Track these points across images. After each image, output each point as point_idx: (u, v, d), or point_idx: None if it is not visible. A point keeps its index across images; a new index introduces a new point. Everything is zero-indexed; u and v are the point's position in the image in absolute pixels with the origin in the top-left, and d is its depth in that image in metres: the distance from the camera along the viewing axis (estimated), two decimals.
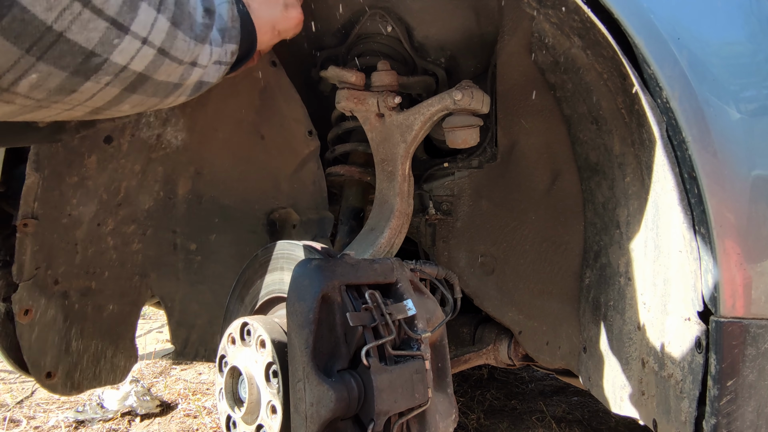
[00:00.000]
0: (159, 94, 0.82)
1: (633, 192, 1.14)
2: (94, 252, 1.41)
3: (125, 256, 1.49)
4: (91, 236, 1.40)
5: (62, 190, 1.31)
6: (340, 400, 0.84)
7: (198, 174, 1.58)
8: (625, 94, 1.06)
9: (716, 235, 0.83)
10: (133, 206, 1.47)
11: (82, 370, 1.43)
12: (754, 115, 0.87)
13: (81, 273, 1.40)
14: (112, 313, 1.48)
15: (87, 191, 1.36)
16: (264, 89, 1.55)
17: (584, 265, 1.34)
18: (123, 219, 1.46)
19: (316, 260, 0.92)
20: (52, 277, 1.33)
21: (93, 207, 1.39)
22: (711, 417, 0.85)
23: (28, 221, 1.24)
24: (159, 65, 0.75)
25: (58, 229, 1.32)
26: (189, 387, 2.85)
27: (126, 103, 0.78)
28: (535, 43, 1.22)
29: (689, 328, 0.91)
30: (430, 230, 1.60)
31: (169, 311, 1.60)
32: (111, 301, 1.47)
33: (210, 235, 1.63)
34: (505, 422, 2.40)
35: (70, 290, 1.38)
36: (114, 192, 1.42)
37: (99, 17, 0.62)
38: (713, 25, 0.90)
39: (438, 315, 1.05)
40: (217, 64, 0.90)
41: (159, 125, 1.43)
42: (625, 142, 1.14)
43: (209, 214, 1.63)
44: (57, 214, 1.31)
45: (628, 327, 1.15)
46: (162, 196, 1.53)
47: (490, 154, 1.51)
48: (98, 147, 1.34)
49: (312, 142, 1.61)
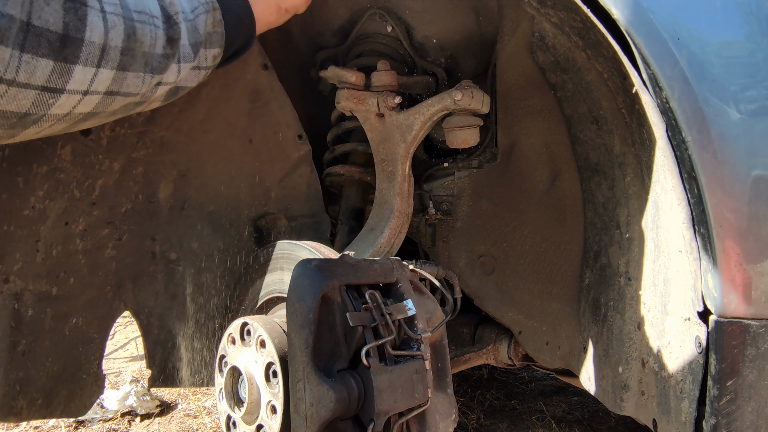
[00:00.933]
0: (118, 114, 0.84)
1: (633, 192, 1.14)
2: (59, 253, 1.25)
3: (97, 262, 1.32)
4: (58, 235, 1.24)
5: (27, 179, 1.17)
6: (340, 400, 0.84)
7: (182, 177, 1.44)
8: (625, 94, 1.06)
9: (716, 235, 0.83)
10: (108, 207, 1.32)
11: (27, 393, 1.21)
12: (754, 115, 0.87)
13: (42, 274, 1.22)
14: (76, 327, 1.29)
15: (57, 184, 1.22)
16: (255, 92, 1.46)
17: (584, 265, 1.34)
18: (96, 220, 1.30)
19: (316, 260, 0.92)
20: (3, 273, 1.17)
21: (62, 203, 1.24)
22: (711, 417, 0.85)
23: None
24: (110, 102, 0.78)
25: (18, 220, 1.17)
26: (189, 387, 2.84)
27: (84, 124, 0.80)
28: (536, 43, 1.22)
29: (689, 328, 0.91)
30: (430, 230, 1.60)
31: (145, 328, 1.42)
32: (76, 313, 1.29)
33: (192, 243, 1.48)
34: (505, 422, 2.40)
35: (25, 292, 1.20)
36: (88, 189, 1.28)
37: (26, 89, 0.66)
38: (713, 25, 0.90)
39: (438, 315, 1.05)
40: (196, 70, 0.91)
41: (143, 123, 1.32)
42: (625, 142, 1.14)
43: (193, 220, 1.48)
44: (18, 203, 1.17)
45: (628, 327, 1.15)
46: (141, 198, 1.38)
47: (490, 154, 1.51)
48: (74, 138, 1.21)
49: (303, 146, 1.53)
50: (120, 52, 0.74)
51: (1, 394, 1.17)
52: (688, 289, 0.90)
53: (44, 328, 1.24)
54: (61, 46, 0.67)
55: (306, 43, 1.64)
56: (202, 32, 0.90)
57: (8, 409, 1.19)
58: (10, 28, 0.61)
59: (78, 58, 0.69)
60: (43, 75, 0.67)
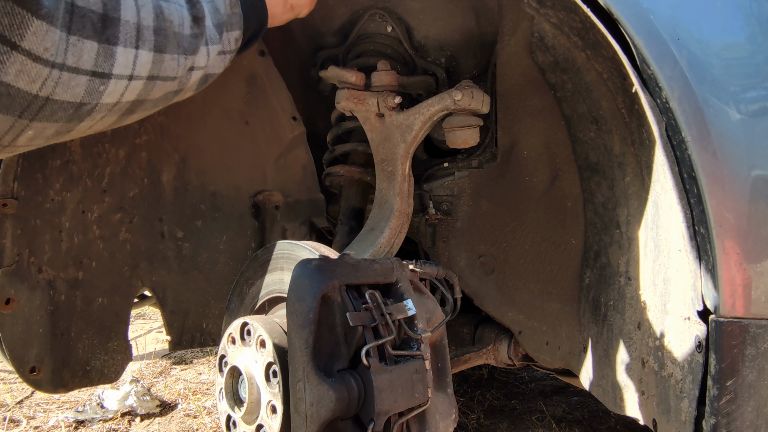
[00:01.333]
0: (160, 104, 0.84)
1: (633, 192, 1.14)
2: (80, 241, 1.36)
3: (113, 246, 1.44)
4: (77, 224, 1.35)
5: (45, 174, 1.26)
6: (340, 400, 0.84)
7: (183, 160, 1.55)
8: (625, 94, 1.06)
9: (716, 235, 0.83)
10: (118, 193, 1.43)
11: (70, 367, 1.36)
12: (754, 115, 0.87)
13: (68, 262, 1.34)
14: (102, 306, 1.42)
15: (71, 176, 1.31)
16: (252, 77, 1.54)
17: (584, 265, 1.34)
18: (108, 206, 1.42)
19: (316, 260, 0.92)
20: (36, 264, 1.27)
21: (77, 193, 1.34)
22: (710, 417, 0.85)
23: (8, 201, 1.18)
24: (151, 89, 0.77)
25: (41, 213, 1.27)
26: (189, 387, 2.85)
27: (130, 117, 0.80)
28: (536, 43, 1.23)
29: (689, 328, 0.91)
30: (430, 230, 1.60)
31: (162, 301, 1.57)
32: (101, 294, 1.42)
33: (197, 221, 1.61)
34: (505, 422, 2.40)
35: (57, 280, 1.32)
36: (98, 178, 1.38)
37: (78, 74, 0.65)
38: (713, 26, 0.90)
39: (438, 315, 1.05)
40: (221, 55, 0.90)
41: None
42: (625, 142, 1.14)
43: (196, 200, 1.60)
44: (40, 198, 1.26)
45: (628, 327, 1.15)
46: (147, 183, 1.49)
47: (490, 154, 1.51)
48: None
49: (297, 127, 1.62)
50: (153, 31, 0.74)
51: (50, 371, 1.32)
52: (688, 288, 0.90)
53: (76, 310, 1.37)
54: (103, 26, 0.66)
55: (306, 43, 1.64)
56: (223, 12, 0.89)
57: (57, 383, 1.34)
58: (57, 8, 0.59)
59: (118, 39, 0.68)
60: (90, 58, 0.65)
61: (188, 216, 1.59)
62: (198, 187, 1.60)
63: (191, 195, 1.59)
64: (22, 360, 1.26)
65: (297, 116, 1.62)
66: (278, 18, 1.10)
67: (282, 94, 1.59)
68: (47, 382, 1.31)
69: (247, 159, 1.64)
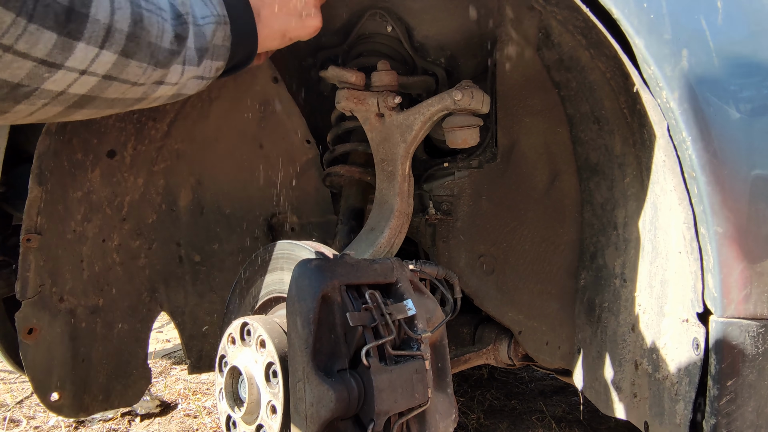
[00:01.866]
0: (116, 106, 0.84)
1: (632, 193, 1.14)
2: (100, 268, 1.39)
3: (132, 272, 1.47)
4: (97, 252, 1.38)
5: (66, 205, 1.29)
6: (340, 400, 0.84)
7: (199, 184, 1.58)
8: (627, 94, 1.06)
9: (716, 236, 0.83)
10: (136, 220, 1.46)
11: (91, 392, 1.38)
12: (755, 115, 0.87)
13: (88, 290, 1.37)
14: (122, 331, 1.44)
15: (91, 206, 1.34)
16: (265, 102, 1.58)
17: (580, 266, 1.34)
18: (128, 234, 1.44)
19: (316, 260, 0.92)
20: (58, 294, 1.30)
21: (98, 222, 1.37)
22: (711, 417, 0.85)
23: (32, 236, 1.22)
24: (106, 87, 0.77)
25: (63, 244, 1.30)
26: (189, 387, 2.85)
27: (77, 114, 0.80)
28: (542, 40, 1.22)
29: (687, 330, 0.91)
30: (430, 230, 1.60)
31: (181, 326, 1.58)
32: (120, 319, 1.44)
33: (213, 244, 1.63)
34: (505, 422, 2.40)
35: (77, 308, 1.35)
36: (118, 207, 1.40)
37: (24, 59, 0.65)
38: (713, 25, 0.90)
39: (438, 315, 1.05)
40: (198, 79, 0.91)
41: (160, 138, 1.43)
42: (626, 142, 1.14)
43: (211, 223, 1.62)
44: (62, 229, 1.29)
45: (623, 329, 1.15)
46: (164, 208, 1.52)
47: (490, 154, 1.51)
48: (102, 161, 1.33)
49: (310, 150, 1.66)
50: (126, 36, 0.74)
51: (71, 396, 1.34)
52: (688, 290, 0.90)
53: (97, 336, 1.39)
54: (66, 19, 0.66)
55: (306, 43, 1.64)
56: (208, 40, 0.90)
57: (78, 407, 1.36)
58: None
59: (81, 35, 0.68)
60: (45, 48, 0.65)
61: (204, 239, 1.61)
62: (213, 210, 1.62)
63: (207, 218, 1.61)
64: (43, 386, 1.28)
65: (311, 139, 1.66)
66: (274, 48, 1.12)
67: (295, 118, 1.62)
68: (68, 407, 1.33)
69: (262, 182, 1.66)
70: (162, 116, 1.42)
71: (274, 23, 1.05)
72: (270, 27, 1.04)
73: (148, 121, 1.39)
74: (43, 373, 1.27)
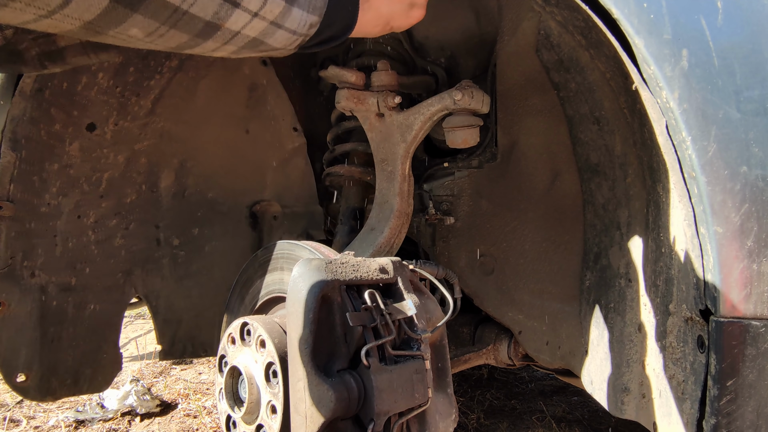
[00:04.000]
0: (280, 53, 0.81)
1: (634, 193, 1.14)
2: (74, 245, 1.34)
3: (108, 252, 1.42)
4: (72, 228, 1.32)
5: (42, 177, 1.24)
6: (340, 400, 0.84)
7: (182, 166, 1.53)
8: (627, 94, 1.06)
9: (716, 235, 0.83)
10: (115, 199, 1.41)
11: (59, 375, 1.33)
12: (754, 114, 0.87)
13: (61, 267, 1.31)
14: (94, 312, 1.39)
15: (68, 180, 1.29)
16: (254, 86, 1.54)
17: (584, 267, 1.34)
18: (105, 212, 1.39)
19: (316, 260, 0.92)
20: (29, 268, 1.24)
21: (74, 197, 1.32)
22: (711, 417, 0.85)
23: (4, 204, 1.16)
24: (272, 33, 0.76)
25: (37, 217, 1.24)
26: (189, 387, 2.85)
27: (242, 52, 0.79)
28: (541, 41, 1.22)
29: (691, 328, 0.91)
30: (430, 230, 1.60)
31: (155, 309, 1.55)
32: (93, 300, 1.39)
33: (193, 228, 1.59)
34: (505, 422, 2.40)
35: (49, 285, 1.29)
36: (96, 183, 1.36)
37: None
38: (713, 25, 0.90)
39: (438, 315, 1.05)
40: (290, 33, 0.80)
41: (145, 115, 1.38)
42: (626, 142, 1.14)
43: (193, 207, 1.58)
44: (36, 201, 1.24)
45: (629, 329, 1.15)
46: (145, 188, 1.48)
47: (490, 154, 1.51)
48: (81, 134, 1.28)
49: (297, 138, 1.63)
50: None
51: (38, 378, 1.28)
52: (690, 288, 0.90)
53: (68, 316, 1.34)
54: None
55: None
56: None
57: (45, 390, 1.30)
58: None
59: None
60: None
61: (185, 223, 1.57)
62: (196, 194, 1.58)
63: (189, 202, 1.58)
64: (10, 366, 1.23)
65: (298, 127, 1.62)
66: (372, 34, 1.00)
67: (283, 104, 1.59)
68: (34, 389, 1.28)
69: (247, 167, 1.63)
70: (146, 92, 1.36)
71: (383, 6, 0.94)
72: (377, 9, 0.93)
73: (132, 96, 1.34)
74: (9, 351, 1.22)
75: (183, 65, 1.41)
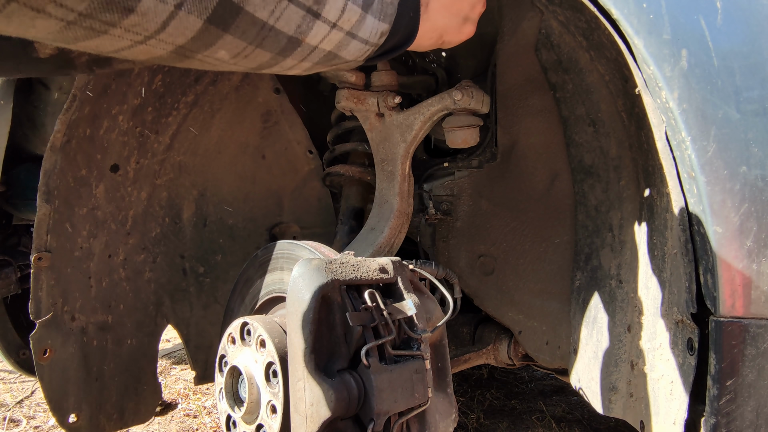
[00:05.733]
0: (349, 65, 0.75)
1: (628, 195, 1.14)
2: (108, 284, 1.38)
3: (138, 287, 1.46)
4: (104, 268, 1.37)
5: (73, 222, 1.28)
6: (340, 399, 0.84)
7: (202, 196, 1.58)
8: (625, 97, 1.06)
9: (716, 235, 0.83)
10: (141, 234, 1.45)
11: (105, 412, 1.37)
12: (754, 115, 0.87)
13: (97, 307, 1.36)
14: (132, 347, 1.43)
15: (96, 222, 1.34)
16: (267, 113, 1.59)
17: (575, 267, 1.34)
18: (132, 248, 1.44)
19: (316, 260, 0.92)
20: (69, 313, 1.29)
21: (103, 238, 1.36)
22: (710, 416, 0.85)
23: (43, 255, 1.21)
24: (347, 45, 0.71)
25: (72, 262, 1.29)
26: (189, 387, 2.85)
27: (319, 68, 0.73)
28: (542, 40, 1.22)
29: (682, 331, 0.91)
30: (430, 230, 1.60)
31: (186, 337, 1.58)
32: (129, 335, 1.43)
33: (216, 255, 1.63)
34: (505, 422, 2.40)
35: (88, 326, 1.33)
36: (122, 221, 1.40)
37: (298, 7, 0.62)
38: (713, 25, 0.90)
39: (438, 315, 1.05)
40: (362, 43, 0.75)
41: (162, 151, 1.44)
42: (622, 145, 1.14)
43: (214, 235, 1.63)
44: (69, 246, 1.28)
45: (618, 329, 1.15)
46: (168, 221, 1.52)
47: (490, 154, 1.51)
48: (106, 176, 1.33)
49: (313, 160, 1.68)
50: None
51: (88, 417, 1.32)
52: (682, 291, 0.90)
53: (107, 354, 1.38)
54: None
55: None
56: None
57: (95, 428, 1.34)
58: None
59: None
60: None
61: (208, 251, 1.61)
62: (216, 222, 1.62)
63: (210, 230, 1.62)
64: (61, 408, 1.27)
65: (313, 150, 1.68)
66: (424, 48, 0.96)
67: (297, 128, 1.63)
68: (85, 428, 1.32)
69: (264, 192, 1.67)
70: (164, 129, 1.41)
71: (439, 19, 0.90)
72: (433, 22, 0.89)
73: (151, 135, 1.39)
74: (59, 394, 1.26)
75: (198, 100, 1.46)
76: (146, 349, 1.47)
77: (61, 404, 1.27)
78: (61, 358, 1.26)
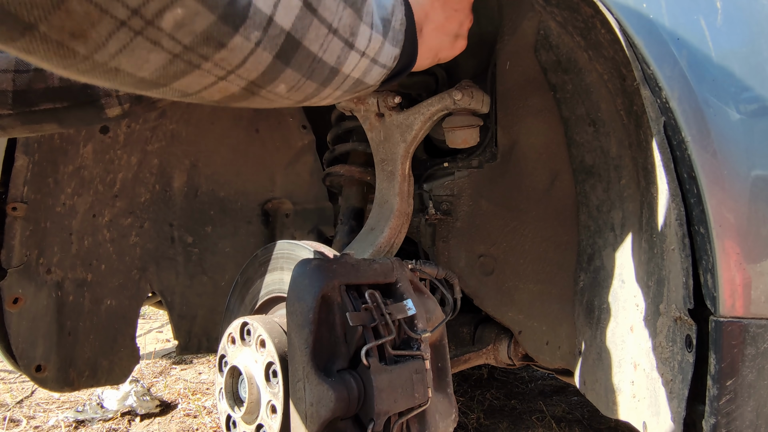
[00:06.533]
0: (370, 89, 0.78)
1: (628, 194, 1.14)
2: (90, 243, 1.39)
3: (123, 249, 1.47)
4: (87, 227, 1.38)
5: (57, 178, 1.29)
6: (340, 399, 0.84)
7: (194, 166, 1.58)
8: (624, 96, 1.06)
9: (716, 235, 0.83)
10: (129, 198, 1.46)
11: (77, 367, 1.37)
12: (754, 115, 0.87)
13: (76, 264, 1.36)
14: (111, 308, 1.44)
15: (82, 181, 1.34)
16: None
17: (578, 268, 1.34)
18: (119, 211, 1.45)
19: (316, 260, 0.92)
20: (45, 265, 1.29)
21: (89, 198, 1.37)
22: (710, 416, 0.85)
23: (17, 204, 1.21)
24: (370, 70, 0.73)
25: (52, 216, 1.29)
26: (189, 387, 2.85)
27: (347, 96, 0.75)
28: (540, 41, 1.22)
29: (680, 328, 0.91)
30: (430, 230, 1.60)
31: (170, 305, 1.59)
32: (109, 296, 1.44)
33: (206, 227, 1.63)
34: (505, 422, 2.40)
35: (65, 281, 1.34)
36: (110, 183, 1.41)
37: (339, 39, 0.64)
38: (713, 25, 0.90)
39: (438, 315, 1.05)
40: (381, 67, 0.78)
41: (155, 118, 1.43)
42: (622, 144, 1.14)
43: (205, 206, 1.63)
44: (51, 201, 1.28)
45: (621, 329, 1.15)
46: (158, 188, 1.53)
47: (490, 154, 1.51)
48: (94, 137, 1.32)
49: (306, 135, 1.68)
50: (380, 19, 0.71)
51: (56, 369, 1.32)
52: (680, 288, 0.90)
53: (84, 311, 1.39)
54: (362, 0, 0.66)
55: None
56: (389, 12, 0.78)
57: (63, 381, 1.35)
58: None
59: (362, 15, 0.66)
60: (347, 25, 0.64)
61: (198, 221, 1.62)
62: (208, 193, 1.63)
63: (201, 201, 1.62)
64: (28, 358, 1.27)
65: (306, 125, 1.68)
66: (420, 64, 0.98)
67: None
68: (53, 380, 1.32)
69: (257, 166, 1.67)
70: None
71: (434, 40, 0.97)
72: (428, 44, 0.96)
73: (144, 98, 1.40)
74: (27, 343, 1.26)
75: None
76: (126, 311, 1.47)
77: (28, 353, 1.27)
78: (32, 308, 1.26)
